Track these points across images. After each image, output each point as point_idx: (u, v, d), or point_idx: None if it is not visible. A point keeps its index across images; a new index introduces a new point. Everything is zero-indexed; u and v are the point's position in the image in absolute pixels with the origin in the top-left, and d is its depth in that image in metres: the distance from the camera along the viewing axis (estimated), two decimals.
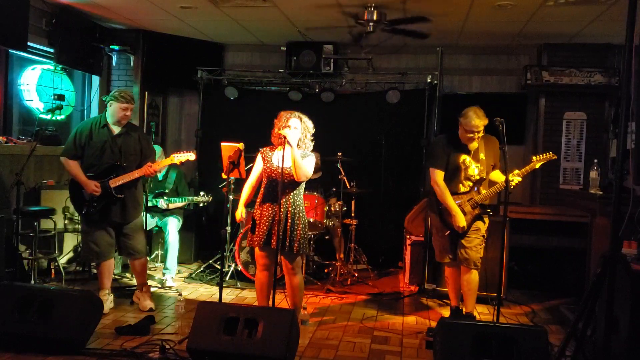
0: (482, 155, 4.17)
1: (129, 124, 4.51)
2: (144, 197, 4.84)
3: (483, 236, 4.20)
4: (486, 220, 4.25)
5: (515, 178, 4.02)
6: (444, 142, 4.29)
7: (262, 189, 4.08)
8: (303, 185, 4.10)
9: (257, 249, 4.05)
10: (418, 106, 6.70)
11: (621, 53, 6.20)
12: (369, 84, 6.86)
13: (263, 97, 7.02)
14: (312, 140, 4.11)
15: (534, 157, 4.14)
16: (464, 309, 4.41)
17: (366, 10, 5.36)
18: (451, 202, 4.13)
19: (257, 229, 4.00)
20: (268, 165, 4.04)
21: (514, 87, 6.88)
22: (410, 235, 5.68)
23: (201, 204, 5.60)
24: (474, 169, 4.15)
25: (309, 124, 4.08)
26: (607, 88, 6.39)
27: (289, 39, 6.83)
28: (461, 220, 4.08)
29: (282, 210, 3.91)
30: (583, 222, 5.09)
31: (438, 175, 4.19)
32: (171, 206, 5.52)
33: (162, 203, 5.47)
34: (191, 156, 4.51)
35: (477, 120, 4.03)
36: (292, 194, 4.00)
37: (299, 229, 3.99)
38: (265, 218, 3.98)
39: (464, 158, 4.17)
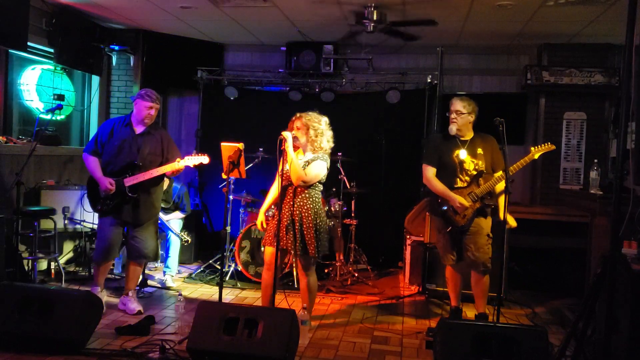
0: (479, 150, 4.13)
1: (154, 124, 4.47)
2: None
3: (488, 235, 4.13)
4: (489, 217, 4.18)
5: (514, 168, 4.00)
6: (437, 138, 4.31)
7: None
8: (317, 188, 4.03)
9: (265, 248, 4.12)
10: (418, 106, 6.70)
11: (621, 53, 6.20)
12: (369, 84, 6.86)
13: (263, 97, 7.02)
14: (327, 141, 4.03)
15: (532, 148, 4.10)
16: (476, 310, 4.34)
17: (366, 10, 5.36)
18: (444, 188, 4.09)
19: (267, 229, 4.09)
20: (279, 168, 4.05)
21: (514, 87, 6.88)
22: (410, 235, 5.67)
23: (181, 239, 5.51)
24: (470, 163, 4.11)
25: (316, 124, 4.00)
26: (607, 88, 6.40)
27: (289, 39, 6.83)
28: (457, 199, 4.02)
29: (287, 212, 3.92)
30: (583, 222, 5.09)
31: (429, 171, 4.18)
32: (166, 218, 5.51)
33: None
34: (204, 159, 4.41)
35: (456, 100, 4.12)
36: (300, 196, 3.97)
37: (311, 231, 3.93)
38: (271, 219, 4.08)
39: (458, 152, 4.14)
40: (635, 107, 3.20)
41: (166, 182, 5.58)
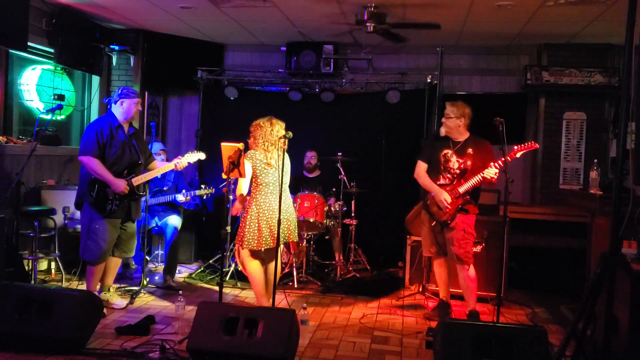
0: (470, 150, 4.29)
1: (131, 124, 4.57)
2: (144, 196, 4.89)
3: (464, 230, 4.26)
4: (470, 214, 4.30)
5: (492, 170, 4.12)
6: (432, 137, 4.57)
7: None
8: (258, 188, 4.31)
9: None
10: (418, 106, 6.70)
11: (621, 53, 6.20)
12: (369, 84, 6.86)
13: (263, 97, 7.02)
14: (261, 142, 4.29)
15: (515, 147, 4.13)
16: (467, 309, 4.43)
17: (366, 10, 5.36)
18: (429, 182, 4.37)
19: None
20: None
21: (514, 87, 6.88)
22: (410, 235, 5.67)
23: (204, 197, 5.64)
24: (454, 162, 4.31)
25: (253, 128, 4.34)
26: (607, 88, 6.40)
27: (289, 39, 6.82)
28: (441, 193, 4.26)
29: None
30: (583, 222, 5.08)
31: (419, 166, 4.49)
32: (195, 194, 5.52)
33: (180, 197, 5.42)
34: (202, 155, 4.75)
35: (447, 104, 4.39)
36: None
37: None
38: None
39: (446, 152, 4.35)
40: (635, 107, 3.20)
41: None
